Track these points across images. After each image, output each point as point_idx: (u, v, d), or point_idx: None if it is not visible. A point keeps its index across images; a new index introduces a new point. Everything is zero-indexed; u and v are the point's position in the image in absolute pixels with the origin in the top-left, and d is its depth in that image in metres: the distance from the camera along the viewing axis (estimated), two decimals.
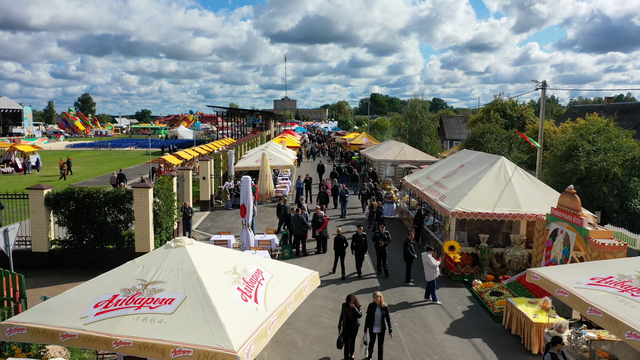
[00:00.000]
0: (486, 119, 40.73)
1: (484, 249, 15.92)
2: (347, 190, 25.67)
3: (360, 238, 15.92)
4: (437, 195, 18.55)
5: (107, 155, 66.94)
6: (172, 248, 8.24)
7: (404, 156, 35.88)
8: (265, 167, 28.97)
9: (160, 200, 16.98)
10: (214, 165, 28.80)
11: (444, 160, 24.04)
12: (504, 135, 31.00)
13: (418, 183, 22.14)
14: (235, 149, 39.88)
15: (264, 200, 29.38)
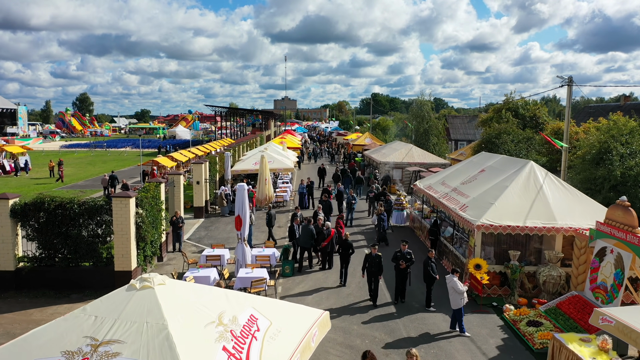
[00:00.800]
0: (497, 118, 38.68)
1: (515, 267, 13.85)
2: (355, 197, 23.60)
3: (374, 259, 13.63)
4: (457, 205, 16.48)
5: (101, 156, 64.90)
6: (136, 290, 6.18)
7: (412, 158, 33.83)
8: (264, 171, 26.90)
9: (144, 210, 14.91)
10: (209, 169, 26.73)
11: (460, 164, 21.97)
12: (521, 136, 28.95)
13: (432, 189, 20.07)
14: (233, 150, 37.82)
15: (263, 206, 27.30)
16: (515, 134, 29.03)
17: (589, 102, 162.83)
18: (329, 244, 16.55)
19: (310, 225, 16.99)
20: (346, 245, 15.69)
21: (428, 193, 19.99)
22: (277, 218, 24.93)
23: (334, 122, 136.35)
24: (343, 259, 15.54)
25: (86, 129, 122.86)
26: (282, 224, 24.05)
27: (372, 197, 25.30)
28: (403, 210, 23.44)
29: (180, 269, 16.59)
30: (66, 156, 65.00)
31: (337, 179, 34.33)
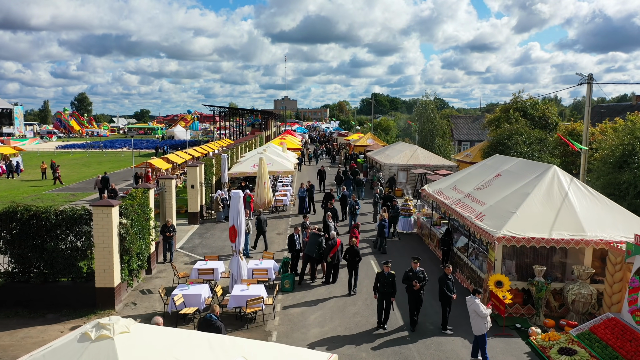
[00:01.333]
0: (504, 118, 37.27)
1: (541, 285, 12.45)
2: (358, 202, 22.20)
3: (387, 279, 12.07)
4: (472, 213, 15.07)
5: (97, 157, 63.54)
6: (91, 341, 4.78)
7: (417, 160, 32.42)
8: (262, 173, 25.53)
9: (129, 220, 13.52)
10: (204, 171, 25.33)
11: (472, 167, 20.56)
12: (533, 137, 27.50)
13: (443, 195, 18.67)
14: (231, 151, 36.43)
15: (261, 211, 25.89)
16: (527, 135, 27.61)
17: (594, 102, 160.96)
18: (334, 256, 15.13)
19: (321, 234, 15.70)
20: (353, 252, 14.74)
21: (438, 199, 18.59)
22: (276, 224, 23.57)
23: (334, 122, 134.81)
24: (351, 266, 14.70)
25: (84, 129, 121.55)
26: (281, 230, 22.65)
27: (377, 202, 23.91)
28: (410, 217, 22.04)
29: (170, 283, 15.20)
30: (61, 157, 63.64)
31: (339, 181, 33.02)
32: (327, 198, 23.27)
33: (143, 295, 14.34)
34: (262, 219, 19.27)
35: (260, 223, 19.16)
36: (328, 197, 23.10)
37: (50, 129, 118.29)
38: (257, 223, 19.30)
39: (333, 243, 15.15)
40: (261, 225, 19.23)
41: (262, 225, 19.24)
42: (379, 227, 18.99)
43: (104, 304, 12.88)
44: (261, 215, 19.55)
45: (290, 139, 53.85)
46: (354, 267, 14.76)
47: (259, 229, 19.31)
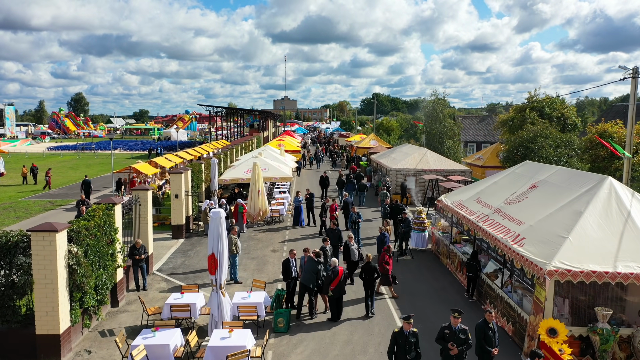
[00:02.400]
0: (519, 119, 34.57)
1: (607, 333, 9.69)
2: (360, 214, 19.44)
3: (407, 340, 8.78)
4: (508, 235, 12.32)
5: (87, 159, 60.77)
6: None
7: (427, 164, 29.64)
8: (257, 180, 22.79)
9: (82, 248, 10.77)
10: (192, 178, 22.59)
11: (497, 176, 17.76)
12: (559, 139, 24.69)
13: (465, 208, 15.91)
14: (224, 154, 33.69)
15: (255, 222, 23.21)
16: (553, 137, 24.81)
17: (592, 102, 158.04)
18: (337, 289, 12.34)
19: (320, 259, 12.92)
20: (370, 269, 12.99)
21: (460, 213, 15.83)
22: (271, 239, 20.77)
23: (335, 123, 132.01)
24: (368, 284, 13.01)
25: (80, 129, 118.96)
26: (276, 245, 19.88)
27: (386, 214, 21.16)
28: (424, 231, 19.28)
29: (139, 320, 12.46)
30: (50, 159, 60.90)
31: (341, 185, 30.38)
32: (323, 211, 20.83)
33: (102, 338, 11.58)
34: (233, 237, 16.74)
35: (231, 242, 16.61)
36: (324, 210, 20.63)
37: (44, 129, 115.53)
38: None
39: (334, 273, 12.36)
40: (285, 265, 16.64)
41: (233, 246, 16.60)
42: (379, 243, 16.41)
43: (48, 355, 10.12)
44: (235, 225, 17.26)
45: (289, 140, 51.00)
46: (370, 287, 13.04)
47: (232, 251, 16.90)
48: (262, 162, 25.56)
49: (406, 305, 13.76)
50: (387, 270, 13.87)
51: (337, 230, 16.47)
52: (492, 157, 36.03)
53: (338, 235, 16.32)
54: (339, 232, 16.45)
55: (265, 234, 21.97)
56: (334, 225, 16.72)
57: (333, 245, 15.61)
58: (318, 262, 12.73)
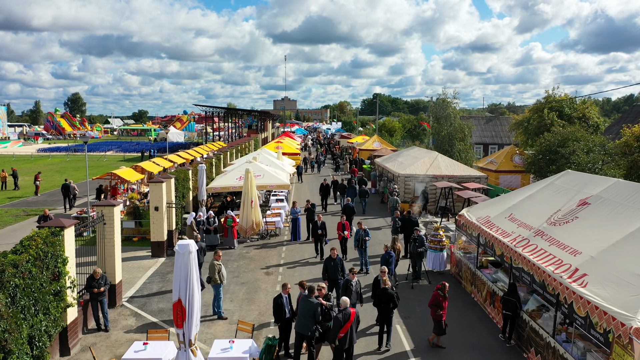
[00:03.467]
0: (537, 120, 31.93)
1: None
2: (368, 232, 16.74)
3: None
4: (560, 267, 9.66)
5: (77, 161, 58.07)
6: None
7: (438, 169, 26.98)
8: (249, 189, 20.15)
9: (5, 293, 8.11)
10: (176, 187, 19.93)
11: (530, 188, 15.01)
12: (591, 142, 21.94)
13: (496, 227, 13.24)
14: (217, 158, 31.02)
15: (248, 237, 20.56)
16: (586, 141, 22.07)
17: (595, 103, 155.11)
18: (346, 337, 9.64)
19: (313, 297, 10.16)
20: (387, 296, 10.99)
21: (490, 234, 13.15)
22: (265, 258, 18.08)
23: (336, 124, 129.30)
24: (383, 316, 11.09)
25: (76, 130, 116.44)
26: (272, 267, 17.20)
27: (397, 228, 18.50)
28: (443, 251, 16.59)
29: None
30: (38, 162, 58.29)
31: (342, 191, 27.88)
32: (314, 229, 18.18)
33: None
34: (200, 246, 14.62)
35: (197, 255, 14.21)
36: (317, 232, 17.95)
37: (39, 130, 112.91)
38: None
39: (345, 317, 9.66)
40: (200, 259, 14.40)
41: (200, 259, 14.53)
42: (382, 263, 14.01)
43: None
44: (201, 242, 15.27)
45: (287, 142, 48.32)
46: (387, 319, 11.10)
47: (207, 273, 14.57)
48: (256, 168, 22.94)
49: (426, 351, 11.10)
50: (441, 316, 11.12)
51: (338, 261, 13.17)
52: (507, 160, 33.35)
53: (339, 266, 13.12)
54: (340, 263, 13.17)
55: (259, 251, 19.30)
56: (335, 254, 13.25)
57: (331, 279, 12.88)
58: (316, 303, 10.03)
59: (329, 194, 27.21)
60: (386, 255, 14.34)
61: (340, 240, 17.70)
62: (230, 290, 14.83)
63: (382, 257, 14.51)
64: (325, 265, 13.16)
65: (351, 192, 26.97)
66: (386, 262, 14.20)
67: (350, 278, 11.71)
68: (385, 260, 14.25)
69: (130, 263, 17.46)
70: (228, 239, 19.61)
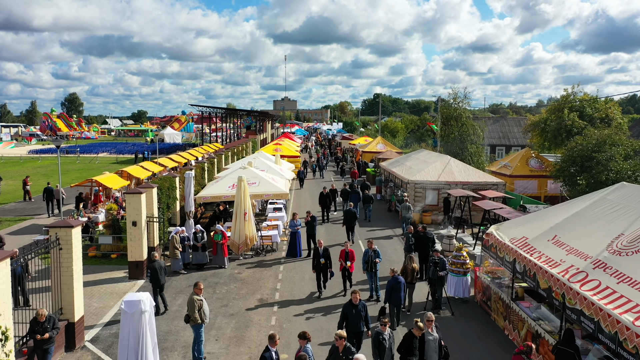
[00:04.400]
0: (555, 120, 29.57)
1: None
2: (379, 252, 14.33)
3: None
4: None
5: (68, 163, 55.84)
6: None
7: (451, 175, 24.60)
8: (242, 199, 17.80)
9: None
10: (159, 198, 17.54)
11: (576, 204, 12.51)
12: (629, 147, 19.44)
13: (538, 253, 10.85)
14: (209, 163, 28.65)
15: (240, 253, 18.19)
16: (625, 146, 19.58)
17: None
18: None
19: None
20: (408, 343, 8.84)
21: (530, 261, 10.76)
22: (259, 280, 15.65)
23: (337, 124, 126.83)
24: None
25: (72, 131, 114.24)
26: (266, 293, 14.79)
27: (410, 245, 16.13)
28: (466, 275, 14.21)
29: None
30: (27, 164, 55.94)
31: (345, 197, 25.58)
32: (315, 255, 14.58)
33: None
34: (157, 266, 12.99)
35: (157, 276, 12.77)
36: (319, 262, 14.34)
37: (34, 131, 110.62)
38: (151, 275, 13.12)
39: None
40: (159, 280, 12.96)
41: (160, 279, 12.94)
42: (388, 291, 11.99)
43: None
44: (156, 263, 13.08)
45: (287, 144, 45.90)
46: None
47: (156, 284, 13.06)
48: (250, 175, 20.57)
49: None
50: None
51: (362, 307, 10.20)
52: (522, 165, 30.96)
53: (363, 315, 10.20)
54: (364, 311, 10.22)
55: (253, 271, 16.91)
56: (357, 298, 10.18)
57: (353, 332, 10.01)
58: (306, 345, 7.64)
59: (330, 203, 24.63)
60: (393, 282, 12.06)
61: (342, 270, 14.57)
62: (217, 325, 12.45)
63: (388, 283, 12.20)
64: (344, 314, 10.22)
65: (354, 197, 24.79)
66: (393, 289, 11.95)
67: (381, 330, 9.06)
68: (392, 287, 11.99)
69: (102, 287, 15.09)
70: (217, 256, 17.23)
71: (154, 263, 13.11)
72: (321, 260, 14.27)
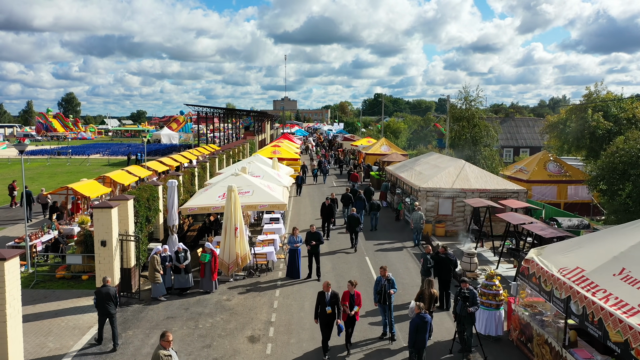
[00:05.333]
0: (577, 121, 27.21)
1: None
2: (394, 282, 11.86)
3: None
4: None
5: (58, 166, 53.39)
6: None
7: (467, 182, 22.21)
8: (232, 213, 15.43)
9: None
10: (136, 212, 15.13)
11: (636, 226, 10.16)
12: None
13: (601, 290, 8.46)
14: (200, 167, 26.27)
15: (231, 275, 15.80)
16: None
17: None
18: None
19: None
20: None
21: (596, 303, 8.37)
22: (252, 309, 13.17)
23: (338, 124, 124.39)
24: None
25: (68, 131, 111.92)
26: (259, 326, 12.35)
27: (428, 268, 13.75)
28: (499, 308, 11.81)
29: None
30: (15, 166, 53.52)
31: (347, 202, 23.39)
32: (321, 304, 10.71)
33: None
34: (103, 293, 11.01)
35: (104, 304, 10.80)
36: (321, 302, 10.69)
37: (29, 131, 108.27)
38: (97, 302, 11.13)
39: None
40: (106, 308, 11.03)
41: (108, 308, 11.01)
42: (413, 330, 9.73)
43: None
44: (104, 288, 11.08)
45: (286, 145, 43.48)
46: None
47: (103, 313, 11.04)
48: (243, 183, 18.19)
49: None
50: None
51: None
52: (540, 169, 28.61)
53: None
54: None
55: (244, 297, 14.51)
56: None
57: None
58: None
59: (332, 216, 21.95)
60: (418, 320, 9.76)
61: (346, 321, 10.97)
62: None
63: (412, 322, 9.89)
64: None
65: (359, 204, 22.65)
66: (418, 330, 9.63)
67: None
68: (416, 327, 9.68)
69: (64, 320, 12.69)
70: (204, 279, 14.84)
71: (102, 288, 11.06)
72: (327, 309, 10.56)
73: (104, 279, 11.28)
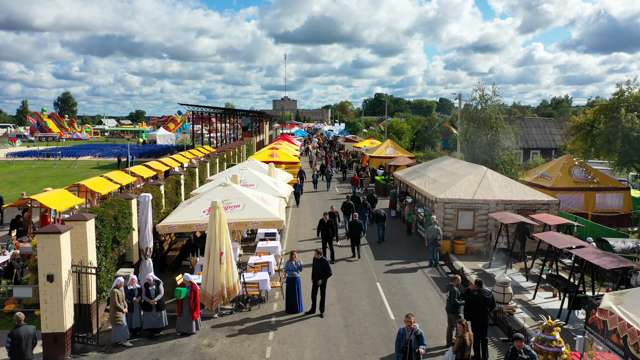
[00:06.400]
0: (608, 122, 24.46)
1: None
2: (422, 336, 8.99)
3: None
4: None
5: (45, 169, 50.51)
6: None
7: (490, 192, 19.45)
8: (217, 235, 12.67)
9: None
10: (99, 234, 12.33)
11: None
12: None
13: None
14: (188, 174, 23.46)
15: (215, 309, 13.01)
16: None
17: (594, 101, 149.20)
18: None
19: None
20: None
21: None
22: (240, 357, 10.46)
23: (339, 125, 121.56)
24: None
25: (63, 131, 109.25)
26: None
27: (457, 306, 10.97)
28: None
29: None
30: (3, 168, 50.82)
31: (348, 211, 20.96)
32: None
33: None
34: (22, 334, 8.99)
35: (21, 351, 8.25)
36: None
37: (22, 131, 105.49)
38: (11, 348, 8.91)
39: None
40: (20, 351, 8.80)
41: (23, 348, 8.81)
42: None
43: None
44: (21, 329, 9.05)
45: (285, 148, 40.60)
46: None
47: None
48: (234, 195, 15.43)
49: None
50: None
51: None
52: (564, 175, 25.79)
53: None
54: None
55: (230, 340, 11.71)
56: None
57: None
58: None
59: (333, 235, 18.50)
60: None
61: None
62: None
63: None
64: None
65: (363, 211, 20.46)
66: None
67: None
68: None
69: None
70: (182, 319, 12.05)
71: (17, 329, 8.62)
72: None
73: (17, 315, 8.88)
